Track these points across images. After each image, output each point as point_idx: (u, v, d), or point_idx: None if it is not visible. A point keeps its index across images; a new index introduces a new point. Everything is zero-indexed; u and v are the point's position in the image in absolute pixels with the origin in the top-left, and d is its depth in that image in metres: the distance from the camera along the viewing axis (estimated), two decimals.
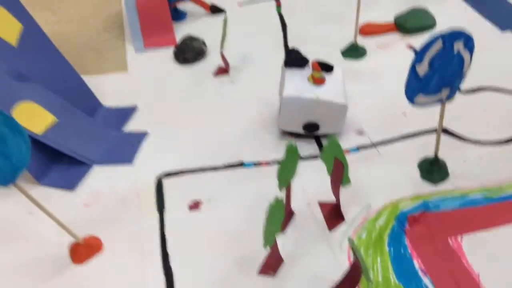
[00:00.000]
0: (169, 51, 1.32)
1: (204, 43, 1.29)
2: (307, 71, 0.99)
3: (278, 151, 0.98)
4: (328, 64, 1.00)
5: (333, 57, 1.22)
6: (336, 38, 1.29)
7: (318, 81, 0.96)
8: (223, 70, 1.23)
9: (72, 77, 1.12)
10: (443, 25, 1.28)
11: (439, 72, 0.72)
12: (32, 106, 0.98)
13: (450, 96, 0.77)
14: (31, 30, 1.05)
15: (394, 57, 1.21)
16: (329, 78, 0.97)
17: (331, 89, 0.95)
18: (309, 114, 0.95)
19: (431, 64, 0.71)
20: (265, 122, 1.08)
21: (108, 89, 1.21)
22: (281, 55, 1.11)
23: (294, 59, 1.01)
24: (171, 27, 1.37)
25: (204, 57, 1.29)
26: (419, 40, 1.25)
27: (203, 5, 1.45)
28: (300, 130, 0.98)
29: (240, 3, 1.51)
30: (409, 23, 1.26)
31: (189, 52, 1.26)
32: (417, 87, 0.73)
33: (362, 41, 1.25)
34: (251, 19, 1.44)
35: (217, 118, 1.10)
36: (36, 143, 0.95)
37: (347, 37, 1.27)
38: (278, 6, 1.47)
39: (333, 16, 1.39)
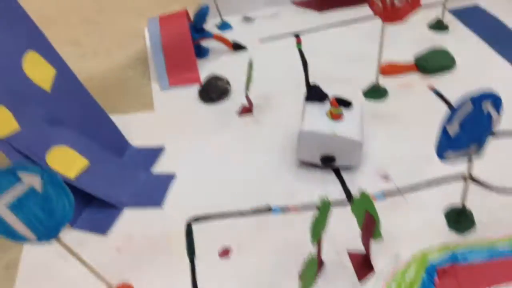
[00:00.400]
0: (193, 90, 1.35)
1: (228, 82, 1.32)
2: (327, 106, 1.04)
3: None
4: (346, 100, 1.05)
5: (355, 97, 1.25)
6: (356, 77, 1.31)
7: (336, 117, 1.01)
8: (247, 110, 1.25)
9: (102, 118, 1.15)
10: (462, 65, 1.31)
11: (469, 131, 0.74)
12: (65, 150, 1.01)
13: (478, 151, 0.79)
14: (64, 74, 1.08)
15: (416, 98, 1.23)
16: (347, 113, 1.03)
17: (348, 125, 1.00)
18: (325, 148, 1.00)
19: (461, 124, 0.73)
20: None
21: (135, 128, 1.24)
22: (302, 93, 1.14)
23: (314, 94, 1.07)
24: (196, 65, 1.40)
25: (228, 96, 1.31)
26: (439, 80, 1.28)
27: (225, 42, 1.49)
28: (317, 161, 1.03)
29: (261, 40, 1.54)
30: (429, 63, 1.28)
31: (214, 91, 1.29)
32: (447, 145, 0.75)
33: (383, 81, 1.27)
34: (272, 56, 1.47)
35: (242, 157, 1.13)
36: (69, 187, 0.98)
37: (368, 76, 1.29)
38: (299, 43, 1.50)
39: (352, 54, 1.42)
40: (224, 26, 1.62)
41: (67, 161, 1.00)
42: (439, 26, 1.46)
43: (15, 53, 0.99)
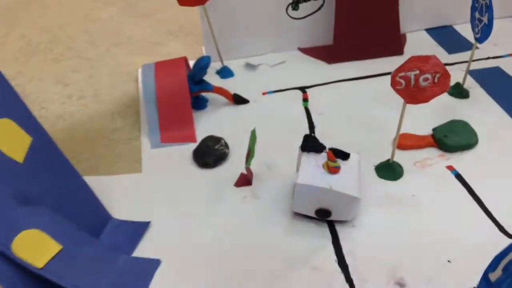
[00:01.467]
0: (187, 150, 1.22)
1: (226, 145, 1.19)
2: (323, 156, 0.99)
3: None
4: (344, 152, 1.00)
5: (366, 171, 1.13)
6: (368, 147, 1.19)
7: (332, 170, 0.96)
8: (246, 181, 1.12)
9: (81, 188, 1.02)
10: (484, 142, 1.19)
11: None
12: (36, 234, 0.87)
13: None
14: (41, 143, 0.95)
15: (435, 181, 1.10)
16: (344, 166, 0.98)
17: (345, 179, 0.96)
18: (321, 201, 0.96)
19: (505, 269, 0.61)
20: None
21: (119, 193, 1.11)
22: None
23: (311, 145, 1.01)
24: (192, 122, 1.28)
25: (226, 159, 1.19)
26: (459, 160, 1.16)
27: (226, 94, 1.36)
28: (312, 214, 0.99)
29: (265, 91, 1.42)
30: (449, 140, 1.16)
31: (210, 156, 1.16)
32: None
33: (398, 155, 1.15)
34: (276, 110, 1.34)
35: (237, 240, 1.00)
36: (37, 276, 0.85)
37: (381, 148, 1.18)
38: (305, 100, 1.38)
39: (363, 115, 1.30)
40: (226, 72, 1.50)
41: (36, 247, 0.86)
42: (458, 92, 1.34)
43: None
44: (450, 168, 1.13)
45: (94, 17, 1.85)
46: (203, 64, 1.27)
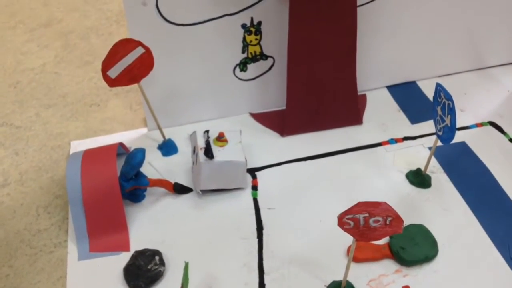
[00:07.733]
0: (119, 262, 1.09)
1: (161, 262, 1.07)
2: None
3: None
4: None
5: None
6: (320, 260, 1.09)
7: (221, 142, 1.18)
8: None
9: None
10: (446, 253, 1.09)
11: None
12: None
13: None
14: None
15: None
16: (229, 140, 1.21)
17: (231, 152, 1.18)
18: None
19: None
20: None
21: None
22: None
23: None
24: (125, 226, 1.14)
25: (160, 280, 1.06)
26: (417, 276, 1.06)
27: (165, 185, 1.22)
28: (219, 187, 1.19)
29: None
30: (406, 253, 1.06)
31: (142, 278, 1.04)
32: None
33: (351, 269, 1.03)
34: (222, 202, 1.22)
35: None
36: None
37: (335, 259, 1.08)
38: (254, 188, 1.24)
39: (317, 219, 1.18)
40: (168, 148, 1.35)
41: None
42: (420, 181, 1.23)
43: None
44: None
45: (26, 65, 1.66)
46: (134, 163, 1.12)
